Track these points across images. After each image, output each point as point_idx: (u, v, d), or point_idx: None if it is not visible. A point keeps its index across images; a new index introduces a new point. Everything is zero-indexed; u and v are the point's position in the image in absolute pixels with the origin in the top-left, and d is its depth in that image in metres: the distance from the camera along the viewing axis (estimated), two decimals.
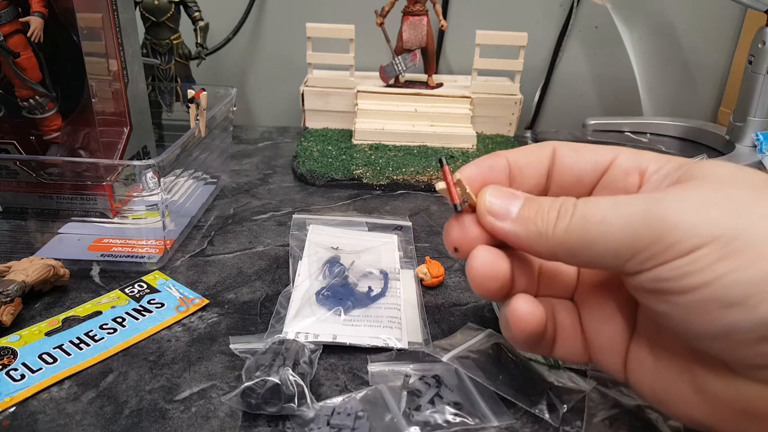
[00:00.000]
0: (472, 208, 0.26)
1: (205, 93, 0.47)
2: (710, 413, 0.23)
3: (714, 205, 0.21)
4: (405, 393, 0.30)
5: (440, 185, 0.27)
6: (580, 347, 0.27)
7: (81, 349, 0.33)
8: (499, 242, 0.26)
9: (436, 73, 0.73)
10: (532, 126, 0.85)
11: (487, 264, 0.25)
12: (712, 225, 0.20)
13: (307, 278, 0.39)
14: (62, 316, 0.36)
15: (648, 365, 0.25)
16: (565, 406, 0.30)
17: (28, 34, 0.40)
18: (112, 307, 0.37)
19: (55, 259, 0.38)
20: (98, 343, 0.34)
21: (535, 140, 0.73)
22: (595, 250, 0.22)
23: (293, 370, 0.29)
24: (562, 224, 0.23)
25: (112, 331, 0.35)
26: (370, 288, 0.38)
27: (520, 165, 0.28)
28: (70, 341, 0.33)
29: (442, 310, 0.38)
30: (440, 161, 0.27)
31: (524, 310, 0.25)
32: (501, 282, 0.25)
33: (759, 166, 0.62)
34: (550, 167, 0.28)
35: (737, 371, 0.21)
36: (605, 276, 0.27)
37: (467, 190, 0.26)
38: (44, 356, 0.32)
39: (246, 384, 0.28)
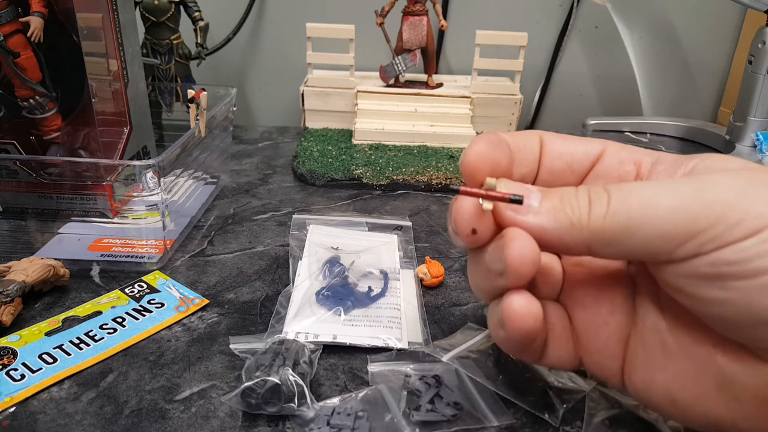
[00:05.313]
0: (474, 194, 0.23)
1: (205, 93, 0.47)
2: (733, 409, 0.22)
3: (763, 189, 0.20)
4: (405, 393, 0.30)
5: (487, 205, 0.23)
6: (571, 351, 0.26)
7: (81, 349, 0.33)
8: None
9: (436, 73, 0.73)
10: (532, 126, 0.85)
11: (528, 248, 0.22)
12: None
13: (307, 278, 0.39)
14: (62, 316, 0.36)
15: (659, 365, 0.23)
16: (565, 406, 0.29)
17: (28, 34, 0.40)
18: (112, 307, 0.37)
19: (55, 259, 0.38)
20: (98, 343, 0.34)
21: None
22: (641, 236, 0.21)
23: (293, 370, 0.29)
24: (598, 210, 0.21)
25: (112, 331, 0.35)
26: (370, 288, 0.38)
27: (518, 147, 0.26)
28: (70, 341, 0.33)
29: (442, 310, 0.38)
30: (452, 189, 0.24)
31: (522, 306, 0.23)
32: (536, 268, 0.22)
33: None
34: (540, 153, 0.27)
35: (766, 358, 0.21)
36: (595, 274, 0.26)
37: (491, 182, 0.24)
38: (44, 356, 0.32)
39: (246, 384, 0.28)
